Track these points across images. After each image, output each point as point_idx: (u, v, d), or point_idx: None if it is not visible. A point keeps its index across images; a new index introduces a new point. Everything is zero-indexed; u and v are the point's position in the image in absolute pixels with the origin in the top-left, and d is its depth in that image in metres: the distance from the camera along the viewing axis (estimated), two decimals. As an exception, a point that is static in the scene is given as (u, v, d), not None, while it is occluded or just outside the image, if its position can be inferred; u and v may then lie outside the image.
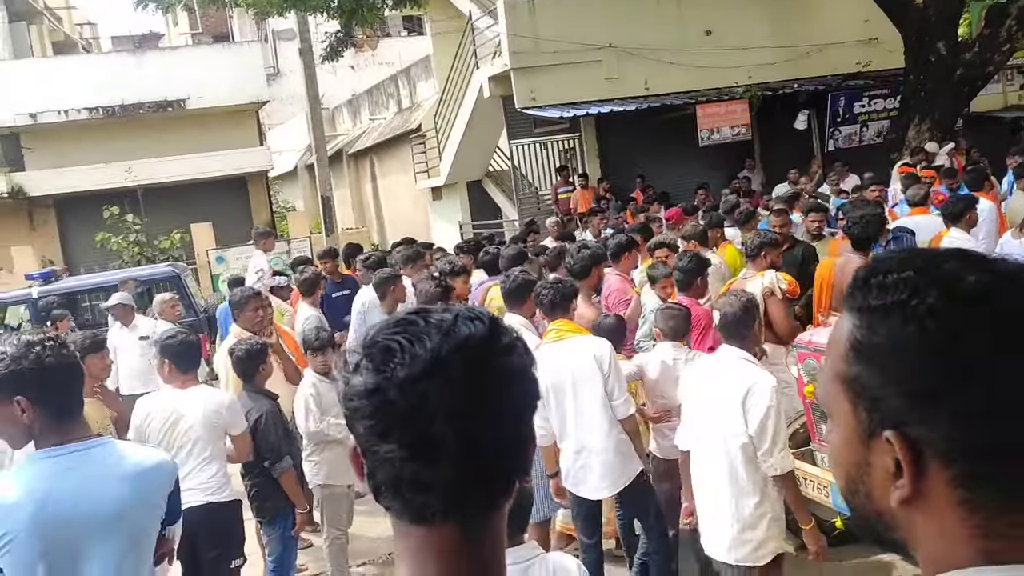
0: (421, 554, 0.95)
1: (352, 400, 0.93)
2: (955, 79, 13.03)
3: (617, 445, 4.24)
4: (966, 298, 0.77)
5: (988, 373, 0.75)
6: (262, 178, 20.81)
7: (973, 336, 0.75)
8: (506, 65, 14.09)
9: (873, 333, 0.79)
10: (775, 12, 14.99)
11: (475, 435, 0.92)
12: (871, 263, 0.83)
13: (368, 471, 0.94)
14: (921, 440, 0.77)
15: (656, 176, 14.57)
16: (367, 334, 0.96)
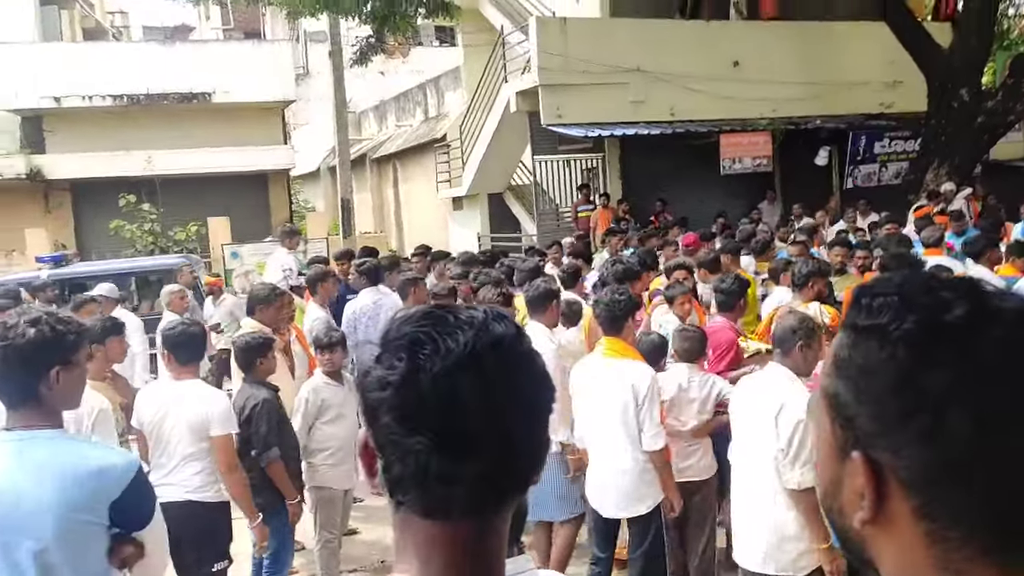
0: (431, 549, 0.94)
1: (376, 391, 0.92)
2: (976, 126, 13.18)
3: (640, 474, 4.26)
4: (941, 330, 0.75)
5: (949, 409, 0.73)
6: (283, 176, 20.87)
7: (938, 369, 0.74)
8: (534, 81, 14.27)
9: (853, 352, 0.79)
10: (802, 48, 15.18)
11: (504, 432, 0.93)
12: (870, 283, 0.83)
13: (385, 465, 0.94)
14: (885, 465, 0.77)
15: (677, 201, 14.72)
16: (390, 326, 0.96)
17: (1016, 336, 0.74)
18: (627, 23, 14.68)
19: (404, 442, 0.91)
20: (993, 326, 0.74)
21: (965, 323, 0.74)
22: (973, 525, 0.74)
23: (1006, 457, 0.72)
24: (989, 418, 0.72)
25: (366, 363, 0.97)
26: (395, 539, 0.98)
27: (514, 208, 17.65)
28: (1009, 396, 0.72)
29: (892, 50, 13.92)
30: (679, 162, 15.22)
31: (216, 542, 4.34)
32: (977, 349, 0.73)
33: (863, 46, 15.08)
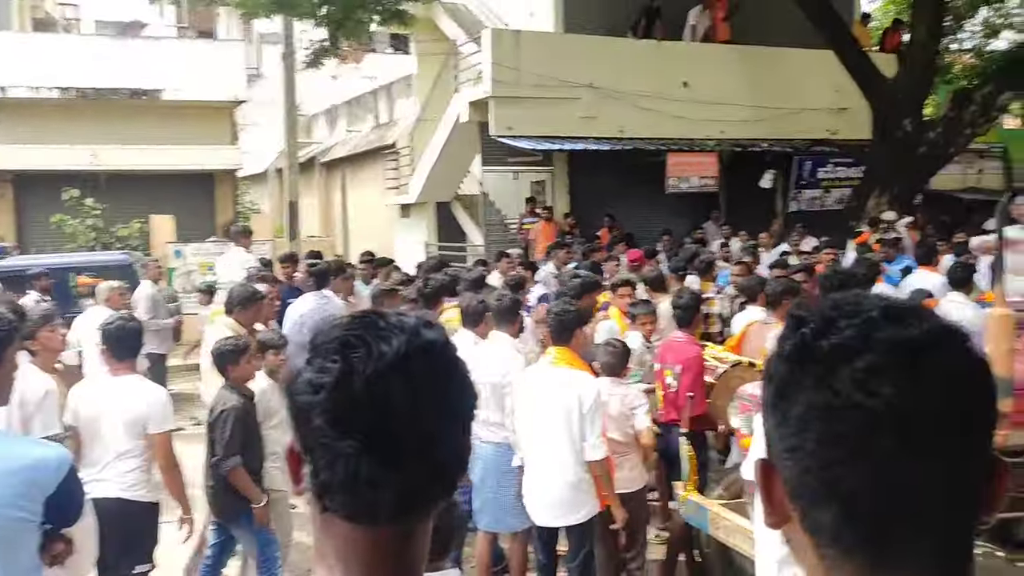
0: (354, 553, 0.93)
1: (307, 394, 0.91)
2: (917, 156, 13.49)
3: (577, 483, 4.33)
4: (812, 353, 0.76)
5: (806, 430, 0.75)
6: (230, 177, 20.64)
7: (801, 391, 0.75)
8: (486, 92, 14.23)
9: (767, 362, 0.82)
10: (751, 72, 15.39)
11: (433, 436, 0.94)
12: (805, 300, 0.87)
13: (313, 469, 0.93)
14: (775, 471, 0.80)
15: (623, 218, 14.78)
16: (320, 331, 0.96)
17: (873, 370, 0.73)
18: (580, 39, 14.72)
19: (335, 445, 0.90)
20: (861, 356, 0.74)
21: (833, 349, 0.75)
22: (843, 545, 0.76)
23: (857, 483, 0.74)
24: (832, 445, 0.74)
25: (296, 367, 0.96)
26: (315, 542, 0.97)
27: (461, 218, 17.57)
28: (855, 426, 0.73)
29: (839, 78, 14.18)
30: (626, 179, 15.29)
31: (142, 543, 4.30)
32: (836, 377, 0.74)
33: (811, 73, 15.34)
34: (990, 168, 19.14)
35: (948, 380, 0.74)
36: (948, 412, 0.74)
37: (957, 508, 0.75)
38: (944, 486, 0.74)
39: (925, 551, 0.75)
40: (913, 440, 0.73)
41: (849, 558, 0.76)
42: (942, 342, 0.76)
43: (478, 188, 16.63)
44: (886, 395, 0.72)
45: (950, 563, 0.76)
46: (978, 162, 18.88)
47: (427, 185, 17.09)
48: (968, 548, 0.78)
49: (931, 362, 0.74)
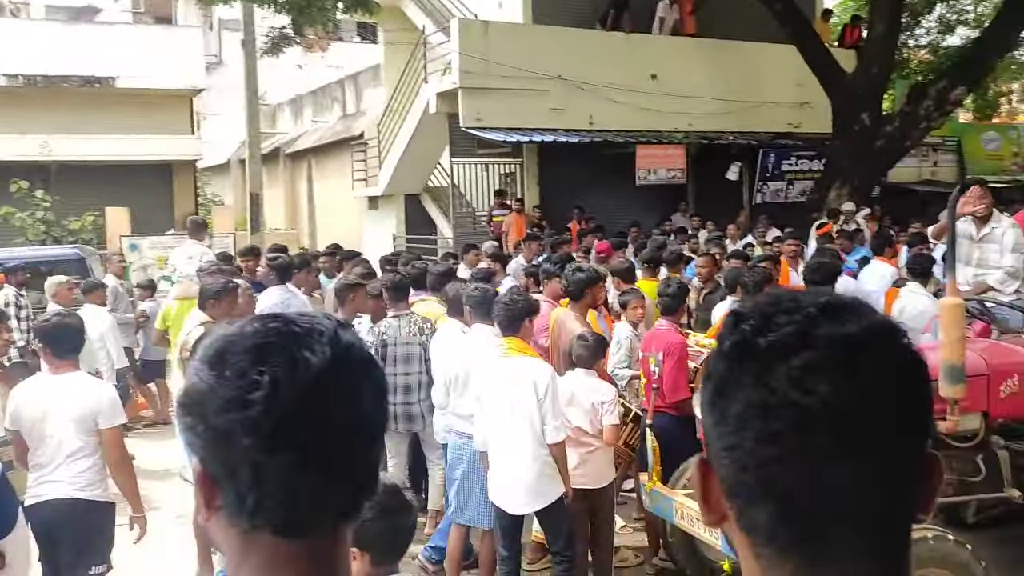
0: (283, 568, 0.90)
1: (231, 412, 0.86)
2: (875, 149, 13.84)
3: (542, 467, 4.38)
4: (750, 351, 0.75)
5: (743, 429, 0.74)
6: (190, 168, 20.18)
7: (738, 389, 0.75)
8: (454, 83, 14.24)
9: (707, 359, 0.83)
10: (718, 66, 15.62)
11: (364, 442, 0.93)
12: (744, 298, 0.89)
13: (237, 492, 0.88)
14: (713, 470, 0.79)
15: (592, 209, 14.91)
16: (227, 342, 0.91)
17: (809, 368, 0.72)
18: (549, 31, 14.82)
19: (268, 462, 0.86)
20: (798, 354, 0.73)
21: (771, 347, 0.74)
22: (779, 544, 0.75)
23: (793, 482, 0.73)
24: (769, 442, 0.73)
25: (199, 383, 0.89)
26: (230, 561, 0.93)
27: (430, 210, 17.58)
28: (791, 424, 0.72)
29: (801, 73, 14.47)
30: (596, 171, 15.44)
31: (99, 544, 4.19)
32: (773, 374, 0.73)
33: (775, 67, 15.61)
34: (944, 161, 19.65)
35: (884, 378, 0.74)
36: (883, 411, 0.73)
37: (893, 507, 0.75)
38: (879, 485, 0.73)
39: (861, 550, 0.74)
40: (849, 439, 0.72)
41: (785, 557, 0.75)
42: (879, 340, 0.75)
43: (447, 180, 16.66)
44: (822, 393, 0.71)
45: (886, 561, 0.76)
46: (933, 155, 19.37)
47: (395, 177, 17.05)
48: (905, 546, 0.77)
49: (867, 360, 0.73)
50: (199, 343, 3.73)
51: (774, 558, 0.76)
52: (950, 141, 19.59)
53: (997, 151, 20.20)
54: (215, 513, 0.90)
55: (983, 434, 4.44)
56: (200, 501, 0.91)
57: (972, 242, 5.70)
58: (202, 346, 0.95)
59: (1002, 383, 4.46)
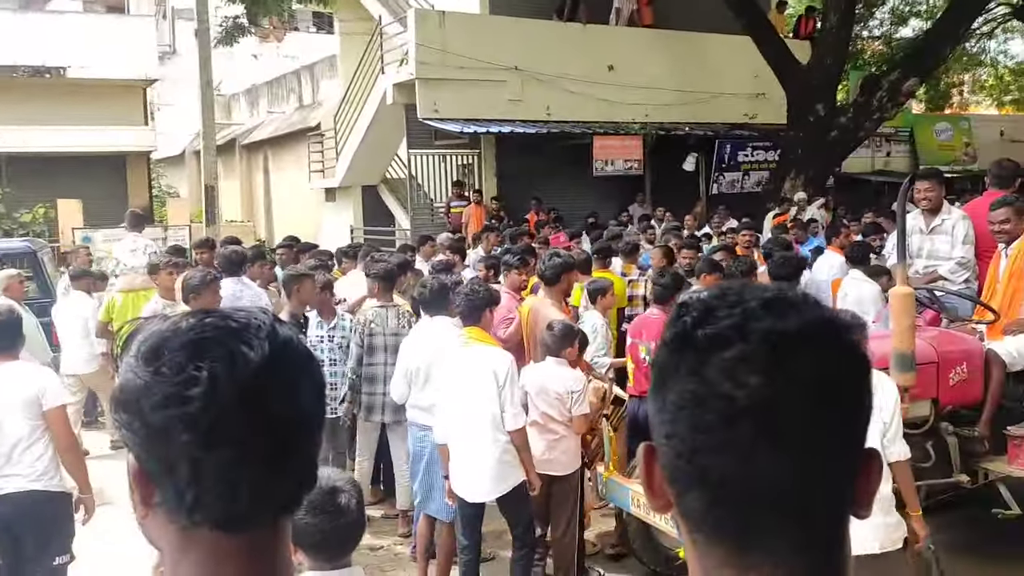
0: (227, 562, 0.90)
1: (168, 408, 0.86)
2: (830, 140, 14.00)
3: (502, 454, 4.41)
4: (688, 342, 0.76)
5: (678, 418, 0.76)
6: (144, 159, 19.91)
7: (676, 380, 0.76)
8: (411, 74, 14.14)
9: (655, 351, 0.82)
10: (674, 57, 15.68)
11: (303, 434, 0.93)
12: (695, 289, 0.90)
13: (176, 488, 0.88)
14: (658, 460, 0.80)
15: (550, 200, 14.92)
16: (162, 337, 0.90)
17: (741, 360, 0.73)
18: (506, 21, 14.76)
19: (208, 458, 0.86)
20: (733, 346, 0.74)
21: (708, 338, 0.75)
22: (711, 531, 0.76)
23: (723, 472, 0.74)
24: (702, 432, 0.74)
25: (132, 380, 0.89)
26: (168, 558, 0.92)
27: (388, 201, 17.46)
28: (721, 415, 0.73)
29: (756, 64, 14.59)
30: (553, 162, 15.44)
31: (60, 534, 4.18)
32: (708, 365, 0.74)
33: (731, 59, 15.72)
34: (898, 152, 19.99)
35: (815, 374, 0.74)
36: (813, 405, 0.73)
37: (822, 500, 0.75)
38: (808, 478, 0.73)
39: (789, 541, 0.74)
40: (777, 431, 0.72)
41: (716, 544, 0.76)
42: (815, 335, 0.75)
43: (405, 171, 16.55)
44: (752, 385, 0.72)
45: (815, 553, 0.76)
46: (886, 146, 19.69)
47: (353, 168, 16.90)
48: (837, 539, 0.77)
49: (799, 355, 0.73)
50: (132, 338, 3.74)
51: (706, 544, 0.77)
52: (903, 132, 19.94)
53: (949, 142, 20.60)
54: (152, 510, 0.90)
55: (933, 421, 4.50)
56: (136, 499, 0.91)
57: (923, 234, 5.75)
58: (136, 341, 0.93)
59: (951, 371, 4.51)
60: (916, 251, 5.74)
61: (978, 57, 26.25)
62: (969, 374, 4.55)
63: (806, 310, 0.77)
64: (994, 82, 28.58)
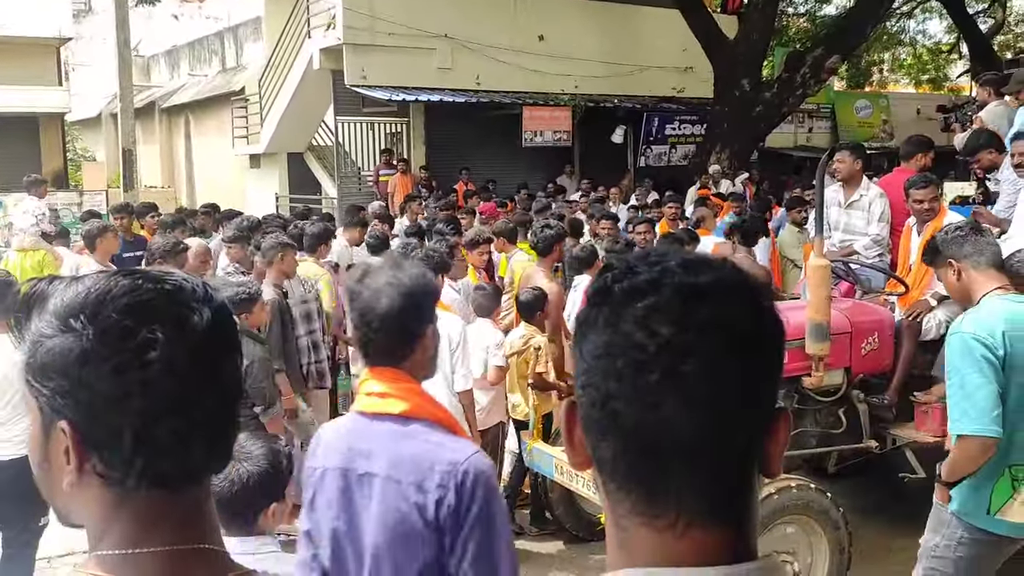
0: (160, 521, 0.92)
1: (119, 375, 0.86)
2: (754, 115, 14.23)
3: (454, 413, 4.49)
4: (606, 295, 0.79)
5: (592, 369, 0.78)
6: (57, 121, 19.13)
7: (586, 332, 0.79)
8: (339, 39, 13.85)
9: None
10: (604, 29, 15.70)
11: (234, 399, 0.97)
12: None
13: (123, 453, 0.88)
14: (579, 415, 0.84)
15: (480, 170, 14.85)
16: (99, 299, 0.89)
17: (653, 310, 0.75)
18: (436, -12, 14.53)
19: (159, 422, 0.88)
20: (645, 298, 0.76)
21: (624, 292, 0.77)
22: (622, 479, 0.78)
23: (632, 420, 0.75)
24: (614, 379, 0.76)
25: (68, 345, 0.86)
26: (95, 524, 0.92)
27: (315, 169, 17.13)
28: (631, 363, 0.75)
29: (685, 37, 14.70)
30: (483, 132, 15.35)
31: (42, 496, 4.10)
32: (621, 317, 0.76)
33: (660, 32, 15.81)
34: (819, 128, 20.48)
35: (727, 327, 0.75)
36: (723, 358, 0.75)
37: (729, 453, 0.77)
38: (715, 430, 0.75)
39: (697, 492, 0.76)
40: (686, 381, 0.74)
41: (626, 493, 0.78)
42: (725, 290, 0.77)
43: (331, 138, 16.24)
44: (663, 335, 0.74)
45: (723, 506, 0.77)
46: (808, 121, 20.15)
47: (278, 134, 16.52)
48: (744, 495, 0.79)
49: (712, 308, 0.76)
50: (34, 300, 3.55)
51: (618, 493, 0.78)
52: (825, 108, 20.42)
53: (868, 118, 21.19)
54: (83, 478, 0.89)
55: (845, 389, 4.64)
56: (70, 465, 0.89)
57: (840, 208, 5.89)
58: (59, 303, 0.89)
59: (863, 340, 4.65)
60: (833, 224, 5.87)
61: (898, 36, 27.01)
62: (880, 344, 4.70)
63: (721, 269, 0.79)
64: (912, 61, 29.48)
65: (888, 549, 4.70)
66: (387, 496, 1.79)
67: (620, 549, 0.80)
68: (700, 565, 0.75)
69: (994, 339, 2.82)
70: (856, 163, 5.86)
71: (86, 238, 6.84)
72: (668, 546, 0.76)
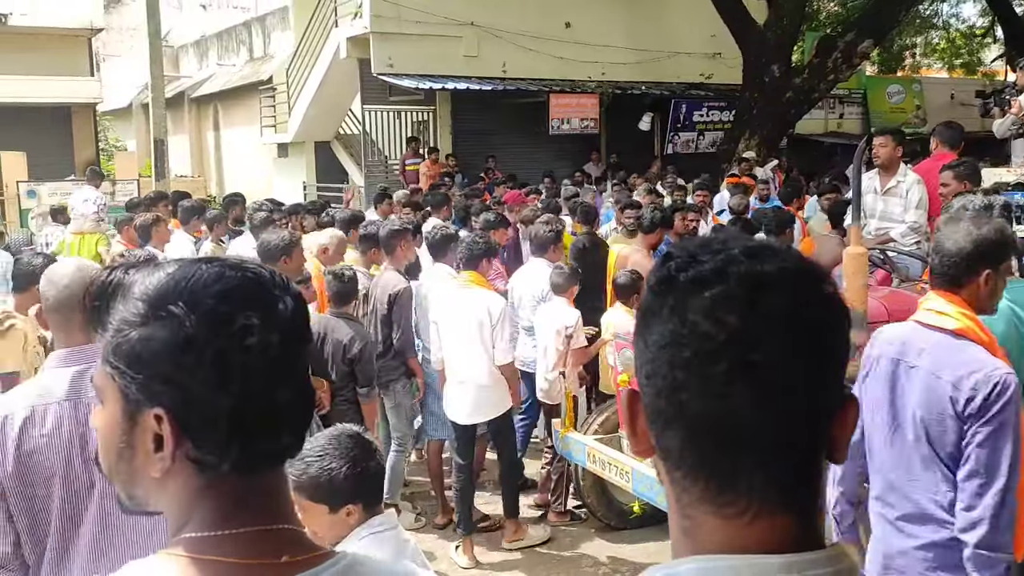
0: (243, 505, 0.94)
1: (234, 355, 0.89)
2: (784, 100, 14.04)
3: (494, 384, 4.88)
4: (670, 284, 0.79)
5: (658, 357, 0.78)
6: (89, 111, 19.38)
7: (657, 320, 0.79)
8: (366, 28, 13.86)
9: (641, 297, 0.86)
10: (631, 15, 15.56)
11: (311, 385, 1.01)
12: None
13: (217, 438, 0.90)
14: (642, 404, 0.83)
15: (506, 159, 14.82)
16: (192, 286, 0.91)
17: (720, 299, 0.76)
18: (462, -25, 14.48)
19: (259, 404, 0.91)
20: (712, 287, 0.76)
21: (689, 280, 0.77)
22: (690, 468, 0.78)
23: (700, 409, 0.76)
24: (682, 369, 0.76)
25: (163, 335, 0.88)
26: (179, 509, 0.94)
27: (342, 158, 17.18)
28: (699, 352, 0.75)
29: (714, 23, 14.52)
30: (509, 120, 15.30)
31: None
32: (688, 306, 0.76)
33: (687, 17, 15.63)
34: (850, 114, 20.18)
35: (794, 316, 0.76)
36: (790, 346, 0.75)
37: (797, 441, 0.77)
38: (783, 418, 0.75)
39: (765, 480, 0.76)
40: (754, 369, 0.74)
41: (694, 481, 0.78)
42: (792, 278, 0.78)
43: (358, 127, 16.27)
44: (730, 324, 0.74)
45: (791, 494, 0.78)
46: (839, 107, 19.85)
47: (305, 123, 16.58)
48: (811, 480, 0.79)
49: (779, 296, 0.76)
50: (115, 286, 3.63)
51: (685, 481, 0.79)
52: (856, 94, 20.10)
53: (900, 104, 20.83)
54: (175, 465, 0.91)
55: (881, 378, 4.58)
56: (165, 452, 0.90)
57: (877, 195, 5.79)
58: (152, 291, 0.89)
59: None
60: (869, 212, 5.77)
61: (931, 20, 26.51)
62: (917, 333, 4.63)
63: (786, 256, 0.80)
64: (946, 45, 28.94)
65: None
66: (928, 386, 2.40)
67: (685, 537, 0.80)
68: (767, 552, 0.76)
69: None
70: (897, 149, 5.77)
71: (140, 228, 6.93)
72: (736, 534, 0.77)
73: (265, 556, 0.93)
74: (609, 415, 5.07)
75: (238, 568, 0.91)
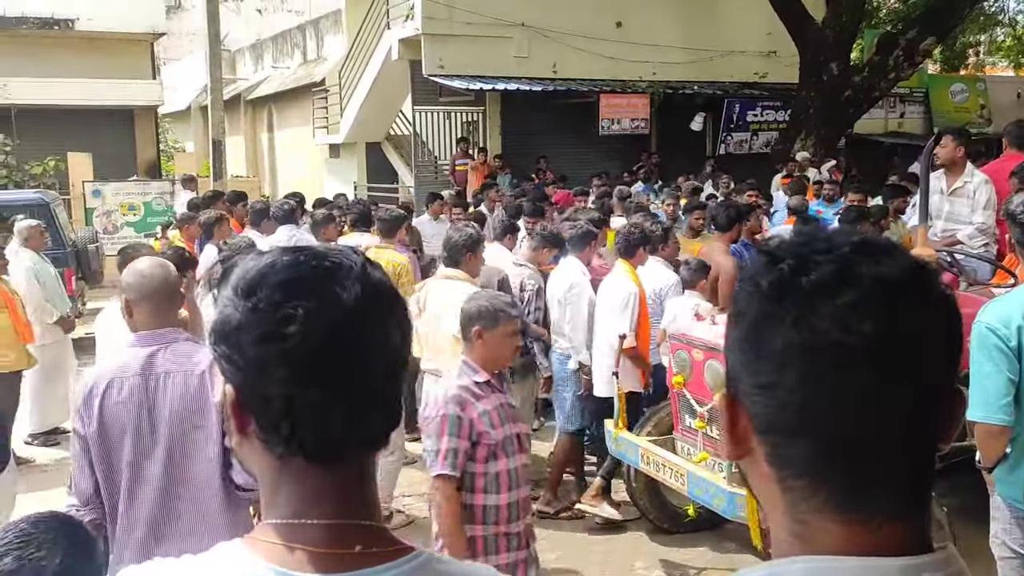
0: (317, 492, 0.94)
1: (265, 344, 0.90)
2: (843, 100, 13.72)
3: (622, 363, 5.07)
4: (791, 289, 0.76)
5: (785, 366, 0.76)
6: (151, 113, 19.88)
7: (779, 327, 0.76)
8: (417, 30, 13.92)
9: (736, 297, 0.83)
10: (683, 13, 15.36)
11: (390, 376, 0.98)
12: (770, 236, 0.86)
13: (272, 419, 0.92)
14: (741, 408, 0.81)
15: (556, 159, 14.75)
16: (259, 273, 0.93)
17: (853, 307, 0.73)
18: (513, -24, 14.46)
19: (301, 393, 0.90)
20: (841, 294, 0.74)
21: (813, 286, 0.75)
22: (813, 477, 0.77)
23: (837, 419, 0.74)
24: (813, 380, 0.74)
25: (230, 313, 0.93)
26: (265, 485, 0.97)
27: (392, 158, 17.30)
28: (835, 363, 0.73)
29: (769, 20, 14.27)
30: (559, 120, 15.22)
31: None
32: (817, 314, 0.74)
33: (742, 15, 15.38)
34: (912, 113, 19.65)
35: (924, 316, 0.75)
36: (923, 347, 0.75)
37: (925, 438, 0.77)
38: (916, 419, 0.75)
39: (896, 479, 0.77)
40: (892, 376, 0.73)
41: (815, 491, 0.77)
42: (916, 279, 0.77)
43: (409, 128, 16.35)
44: (865, 332, 0.73)
45: (919, 489, 0.79)
46: (900, 106, 19.34)
47: (356, 124, 16.73)
48: (932, 474, 0.80)
49: (907, 299, 0.75)
50: (229, 268, 4.00)
51: (805, 489, 0.78)
52: (918, 92, 19.57)
53: (964, 103, 20.23)
54: (246, 438, 0.95)
55: (950, 385, 4.41)
56: (232, 426, 0.96)
57: (943, 195, 5.60)
58: (234, 276, 0.96)
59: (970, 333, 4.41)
60: (935, 213, 5.58)
61: (995, 16, 25.70)
62: (986, 338, 4.45)
63: (896, 255, 0.77)
64: (1011, 43, 28.04)
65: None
66: None
67: (796, 539, 0.79)
68: (884, 555, 0.75)
69: (1008, 329, 2.81)
70: (958, 149, 5.57)
71: (204, 226, 7.03)
72: (858, 541, 0.76)
73: (342, 547, 0.94)
74: (663, 416, 4.98)
75: (315, 556, 0.93)
